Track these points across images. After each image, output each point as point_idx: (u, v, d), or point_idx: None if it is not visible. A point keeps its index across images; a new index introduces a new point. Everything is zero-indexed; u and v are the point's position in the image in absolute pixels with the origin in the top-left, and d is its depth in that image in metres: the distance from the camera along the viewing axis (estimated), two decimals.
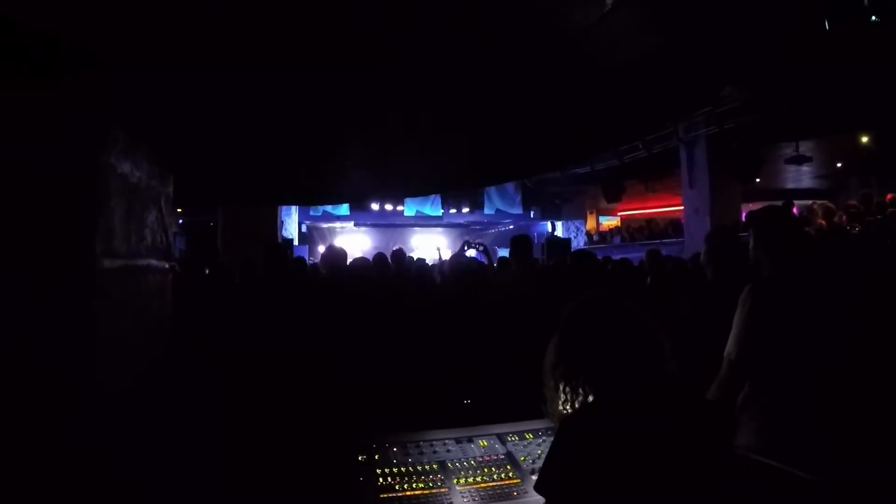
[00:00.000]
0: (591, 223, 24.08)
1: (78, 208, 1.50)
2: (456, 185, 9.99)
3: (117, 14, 1.36)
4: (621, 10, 1.67)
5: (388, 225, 23.71)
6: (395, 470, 2.36)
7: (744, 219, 13.25)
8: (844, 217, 9.51)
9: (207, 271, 7.00)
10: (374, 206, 20.23)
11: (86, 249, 1.51)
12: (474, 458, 2.41)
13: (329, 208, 19.83)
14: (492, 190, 20.58)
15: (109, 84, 1.59)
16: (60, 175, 1.48)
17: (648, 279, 6.10)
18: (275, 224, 13.72)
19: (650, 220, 21.09)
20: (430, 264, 9.30)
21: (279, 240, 14.02)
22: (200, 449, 2.61)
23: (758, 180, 13.73)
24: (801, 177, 16.93)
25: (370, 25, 1.62)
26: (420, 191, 9.77)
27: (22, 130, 1.48)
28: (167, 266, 2.21)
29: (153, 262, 2.03)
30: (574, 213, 23.49)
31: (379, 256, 7.33)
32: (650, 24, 1.94)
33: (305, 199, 8.64)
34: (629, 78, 2.27)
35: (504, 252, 20.60)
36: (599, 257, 8.28)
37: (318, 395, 3.26)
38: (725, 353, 2.76)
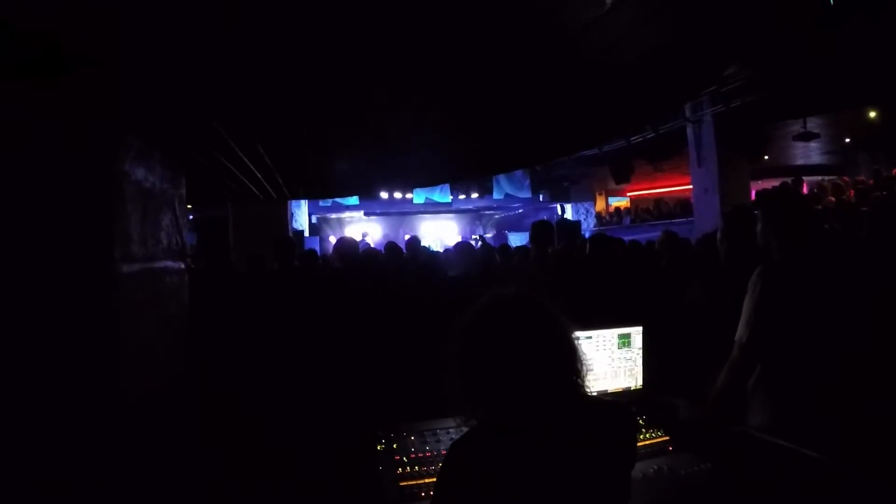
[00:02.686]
0: (600, 204, 24.01)
1: (96, 217, 1.54)
2: (466, 175, 9.98)
3: (121, 14, 1.38)
4: (623, 3, 1.68)
5: (398, 213, 23.74)
6: (413, 458, 2.41)
7: (754, 197, 13.20)
8: (852, 192, 9.47)
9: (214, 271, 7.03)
10: (384, 195, 20.21)
11: (105, 256, 1.55)
12: None
13: (338, 199, 19.85)
14: (500, 175, 20.52)
15: (118, 88, 1.62)
16: (77, 185, 1.52)
17: (664, 262, 6.07)
18: (285, 216, 13.76)
19: (659, 200, 21.02)
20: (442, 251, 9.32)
21: (290, 232, 14.08)
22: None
23: (766, 157, 13.64)
24: (810, 153, 16.79)
25: (375, 24, 1.63)
26: (430, 181, 9.76)
27: (36, 143, 1.52)
28: (183, 266, 2.26)
29: (169, 263, 2.08)
30: (583, 195, 23.44)
31: (391, 246, 7.34)
32: (655, 12, 1.94)
33: (315, 193, 8.67)
34: (635, 66, 2.27)
35: (515, 236, 20.65)
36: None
37: (334, 388, 3.30)
38: (736, 337, 2.77)
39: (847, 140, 15.72)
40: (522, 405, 1.52)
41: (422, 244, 8.75)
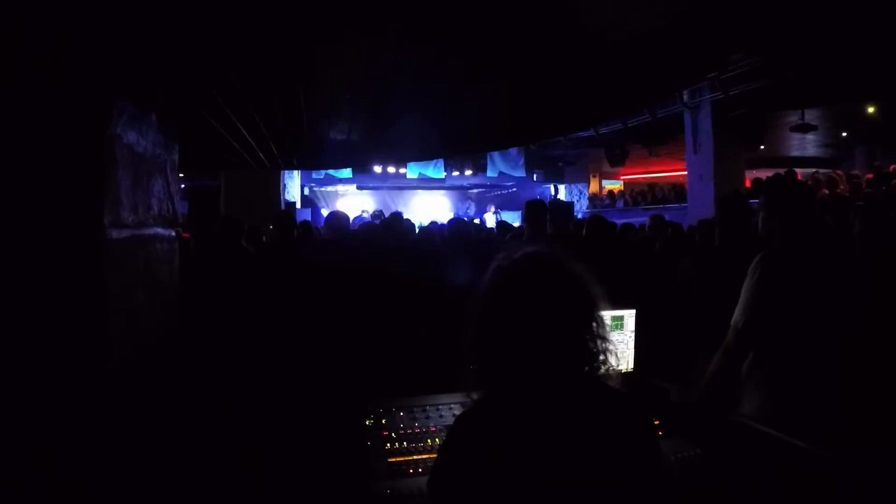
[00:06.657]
0: (593, 186, 23.99)
1: (85, 182, 1.49)
2: (461, 151, 9.93)
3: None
4: None
5: (391, 187, 23.64)
6: (402, 434, 2.40)
7: (749, 186, 13.20)
8: (844, 186, 9.52)
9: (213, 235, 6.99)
10: (377, 169, 20.08)
11: (93, 221, 1.50)
12: None
13: (331, 171, 19.73)
14: (495, 152, 20.42)
15: (112, 56, 1.57)
16: (66, 149, 1.47)
17: (657, 245, 6.08)
18: (277, 188, 13.67)
19: (653, 185, 21.00)
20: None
21: (282, 203, 13.99)
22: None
23: (762, 147, 13.61)
24: (806, 145, 16.82)
25: None
26: (424, 156, 9.70)
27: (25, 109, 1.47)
28: (174, 234, 2.22)
29: (160, 230, 2.03)
30: (577, 176, 23.39)
31: (386, 222, 7.28)
32: None
33: (309, 164, 8.61)
34: (637, 46, 2.24)
35: (507, 215, 20.63)
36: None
37: (323, 364, 3.28)
38: (732, 322, 2.77)
39: (844, 134, 15.72)
40: (535, 374, 1.43)
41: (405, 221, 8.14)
